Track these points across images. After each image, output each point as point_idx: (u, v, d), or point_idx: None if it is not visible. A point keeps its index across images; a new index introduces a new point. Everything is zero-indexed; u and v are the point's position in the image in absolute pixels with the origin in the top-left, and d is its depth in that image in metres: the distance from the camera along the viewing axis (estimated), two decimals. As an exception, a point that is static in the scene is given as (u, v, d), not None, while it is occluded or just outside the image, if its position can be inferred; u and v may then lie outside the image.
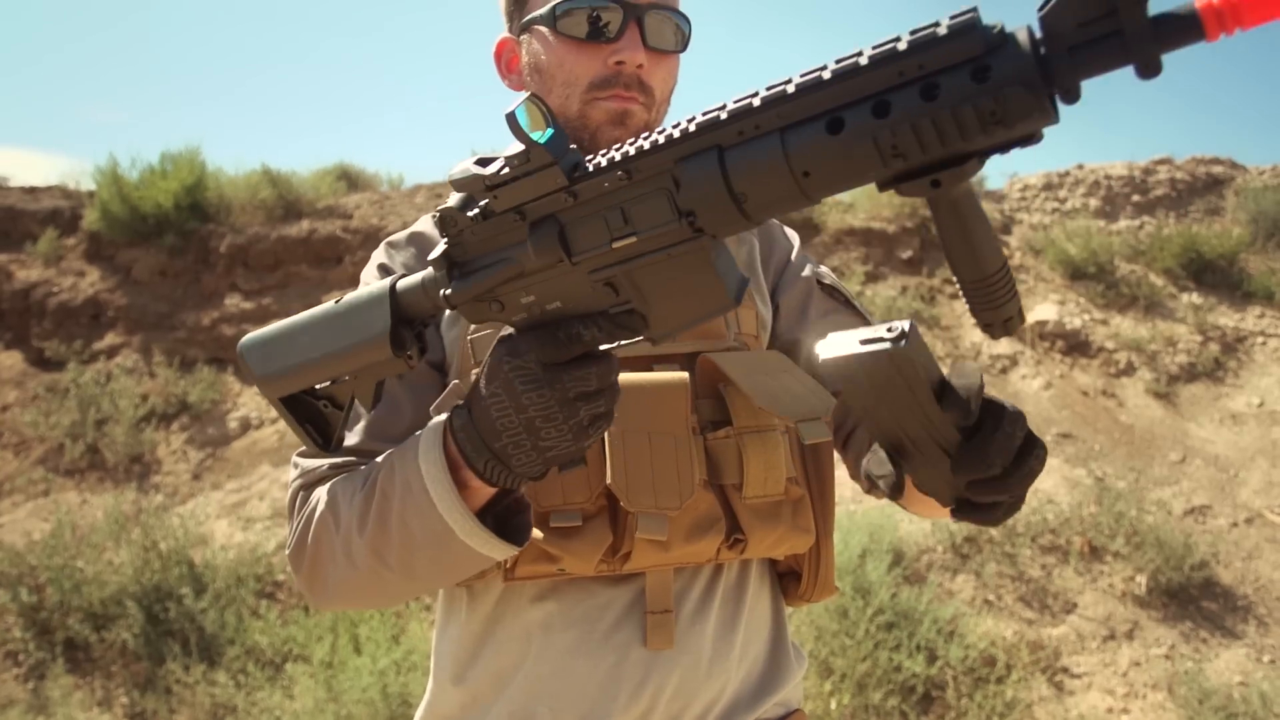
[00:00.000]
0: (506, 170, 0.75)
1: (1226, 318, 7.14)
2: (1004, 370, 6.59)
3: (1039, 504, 5.12)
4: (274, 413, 7.15)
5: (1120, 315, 7.14)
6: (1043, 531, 4.96)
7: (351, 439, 1.06)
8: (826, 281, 1.25)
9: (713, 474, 1.05)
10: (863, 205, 7.86)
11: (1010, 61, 0.56)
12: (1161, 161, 9.09)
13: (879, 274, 7.55)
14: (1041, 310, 7.04)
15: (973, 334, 6.86)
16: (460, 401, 0.89)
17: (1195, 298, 7.34)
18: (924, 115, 0.58)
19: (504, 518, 0.92)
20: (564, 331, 0.78)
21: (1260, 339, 6.93)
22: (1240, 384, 6.60)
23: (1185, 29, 0.52)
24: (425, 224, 1.19)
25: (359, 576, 0.97)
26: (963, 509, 0.80)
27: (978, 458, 0.74)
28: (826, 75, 0.61)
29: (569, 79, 1.11)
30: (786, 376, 1.08)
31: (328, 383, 0.92)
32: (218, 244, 8.58)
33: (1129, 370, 6.59)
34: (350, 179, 10.01)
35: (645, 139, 0.70)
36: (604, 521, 1.02)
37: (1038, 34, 0.56)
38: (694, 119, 0.68)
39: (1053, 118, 0.56)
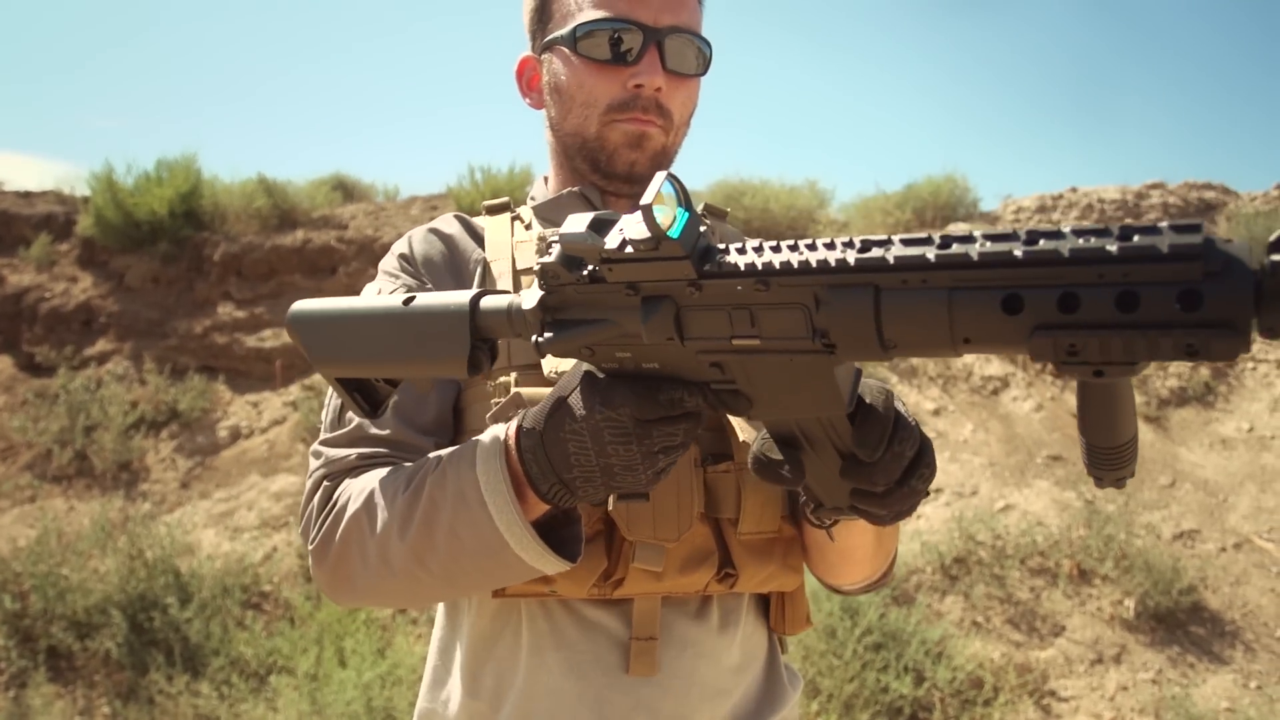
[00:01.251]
0: (630, 250, 0.70)
1: (1217, 343, 7.18)
2: (995, 392, 6.61)
3: (1028, 526, 5.12)
4: (264, 422, 7.13)
5: (1112, 338, 7.17)
6: (1032, 554, 4.96)
7: (377, 427, 1.04)
8: None
9: (710, 506, 1.05)
10: (856, 224, 7.89)
11: (1226, 295, 0.50)
12: (1155, 186, 9.13)
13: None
14: (1033, 332, 7.07)
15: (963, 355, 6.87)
16: (522, 414, 0.87)
17: (1186, 322, 7.38)
18: (1113, 326, 0.53)
19: (550, 527, 0.92)
20: (665, 395, 0.77)
21: (1250, 364, 6.96)
22: (1230, 409, 6.61)
23: None
24: (450, 224, 1.18)
25: (393, 580, 0.95)
26: (837, 511, 0.83)
27: (864, 474, 0.76)
28: (1019, 253, 0.55)
29: (588, 100, 1.12)
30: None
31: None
32: (212, 252, 8.57)
33: (1120, 393, 6.62)
34: (346, 189, 10.02)
35: (793, 250, 0.65)
36: (600, 546, 1.01)
37: (1261, 263, 0.50)
38: (854, 245, 0.63)
39: (1247, 348, 0.51)
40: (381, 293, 1.10)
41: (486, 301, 0.84)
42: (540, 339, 0.79)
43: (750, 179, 7.91)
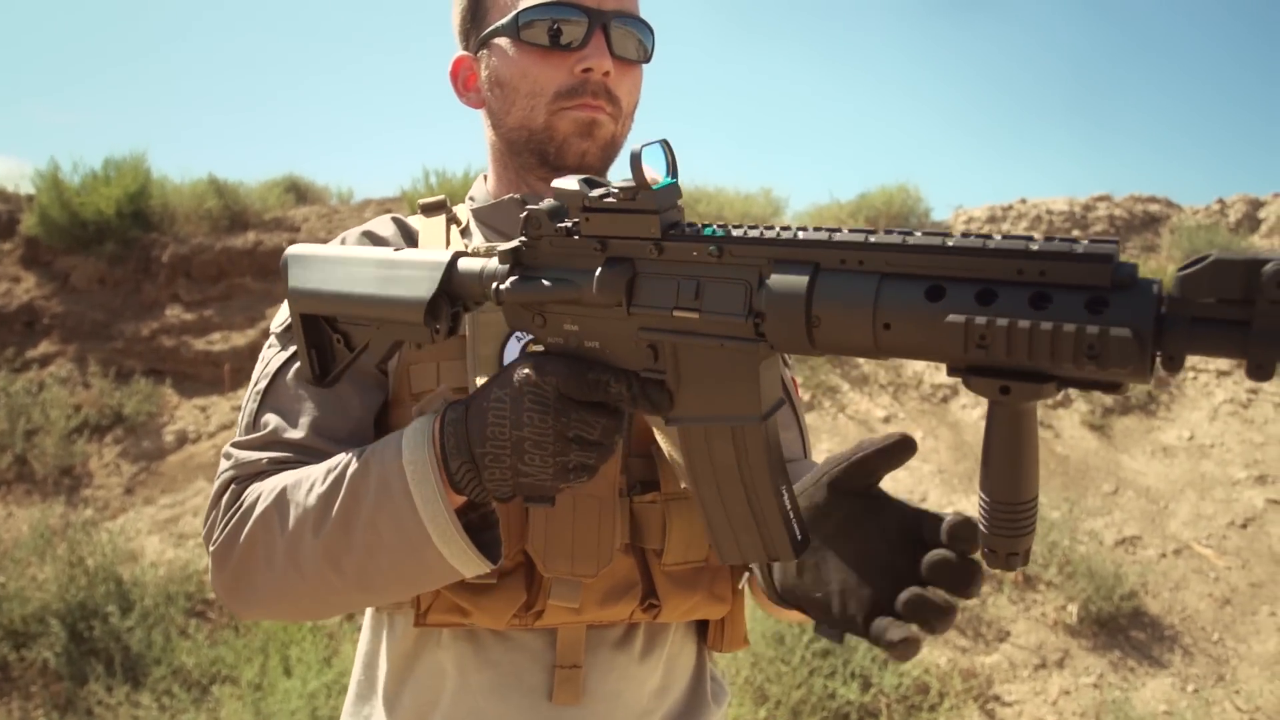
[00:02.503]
0: (609, 199, 0.75)
1: (1160, 352, 7.34)
2: (944, 400, 6.70)
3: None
4: (212, 427, 7.02)
5: (1058, 348, 7.29)
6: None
7: (293, 434, 1.01)
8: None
9: (636, 536, 1.04)
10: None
11: (1130, 306, 0.53)
12: (1101, 198, 9.32)
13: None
14: (982, 341, 7.17)
15: (914, 363, 6.96)
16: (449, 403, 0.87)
17: (1130, 332, 7.53)
18: (1024, 319, 0.55)
19: (470, 531, 0.89)
20: (595, 374, 0.77)
21: (1191, 374, 7.12)
22: (1171, 417, 6.76)
23: None
24: (385, 226, 1.17)
25: (300, 583, 0.91)
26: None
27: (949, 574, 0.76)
28: (950, 243, 0.60)
29: (534, 89, 1.09)
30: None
31: (351, 321, 0.93)
32: (160, 253, 8.42)
33: (1065, 402, 6.73)
34: (299, 192, 9.90)
35: (751, 228, 0.69)
36: (519, 580, 1.00)
37: (1168, 293, 0.53)
38: (806, 229, 0.66)
39: (1146, 377, 0.54)
40: None
41: (466, 260, 0.87)
42: (502, 286, 0.81)
43: (705, 186, 7.97)
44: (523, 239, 0.81)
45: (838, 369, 6.78)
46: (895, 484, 5.77)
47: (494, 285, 0.82)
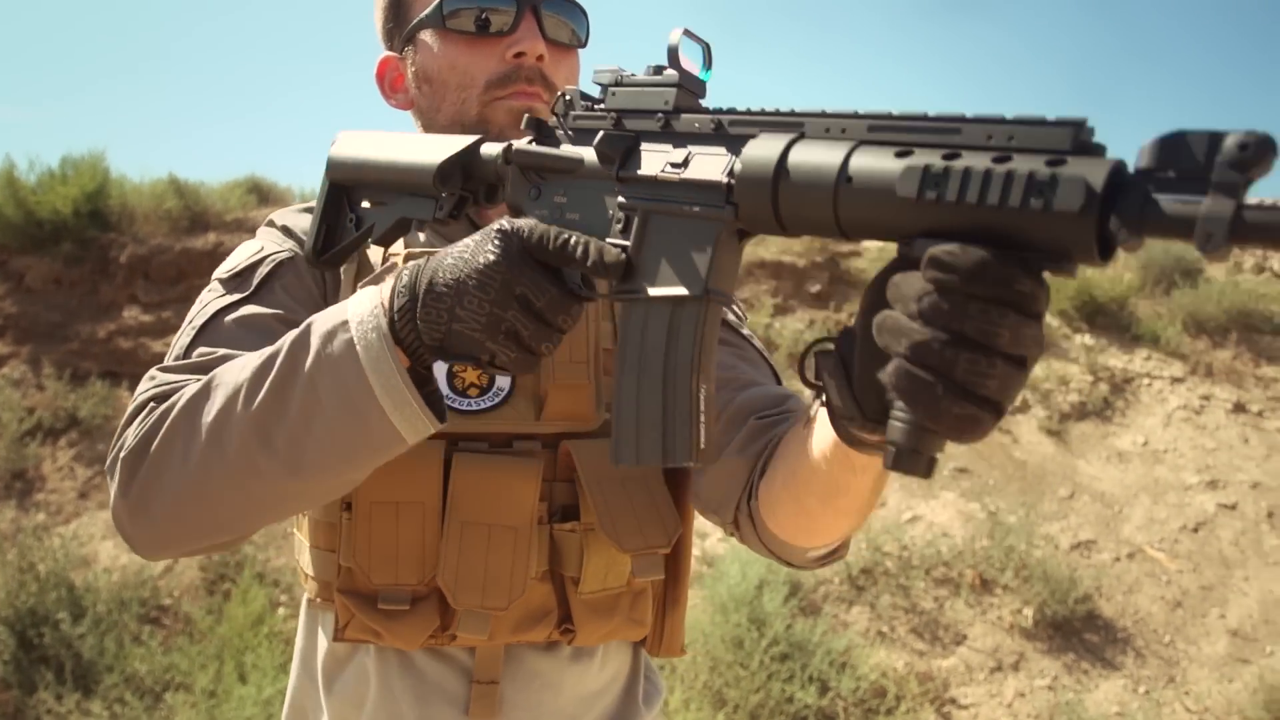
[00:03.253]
0: (639, 76, 0.81)
1: (1116, 359, 7.46)
2: (906, 405, 6.76)
3: (934, 537, 5.24)
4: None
5: (1017, 354, 7.39)
6: (937, 564, 5.08)
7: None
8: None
9: (555, 562, 1.04)
10: (774, 240, 8.00)
11: (1087, 165, 0.54)
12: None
13: (788, 306, 7.68)
14: (943, 347, 7.25)
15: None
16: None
17: (1088, 339, 7.64)
18: (982, 168, 0.57)
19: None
20: (565, 234, 0.76)
21: (1146, 380, 7.25)
22: (1127, 423, 6.87)
23: (1268, 233, 0.50)
24: (294, 218, 1.14)
25: (220, 467, 0.82)
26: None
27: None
28: (930, 114, 0.63)
29: (464, 80, 1.05)
30: (639, 493, 1.06)
31: (371, 193, 0.97)
32: (118, 254, 8.29)
33: (1024, 408, 6.82)
34: (261, 193, 9.78)
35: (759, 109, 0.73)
36: (433, 605, 1.00)
37: (1129, 168, 0.55)
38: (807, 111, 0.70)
39: (1093, 248, 0.54)
40: (264, 249, 1.09)
41: (488, 146, 0.91)
42: (516, 145, 0.85)
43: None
44: (553, 112, 0.86)
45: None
46: (856, 489, 5.81)
47: (509, 144, 0.85)
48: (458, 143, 0.89)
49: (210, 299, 1.04)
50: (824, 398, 0.74)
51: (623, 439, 0.78)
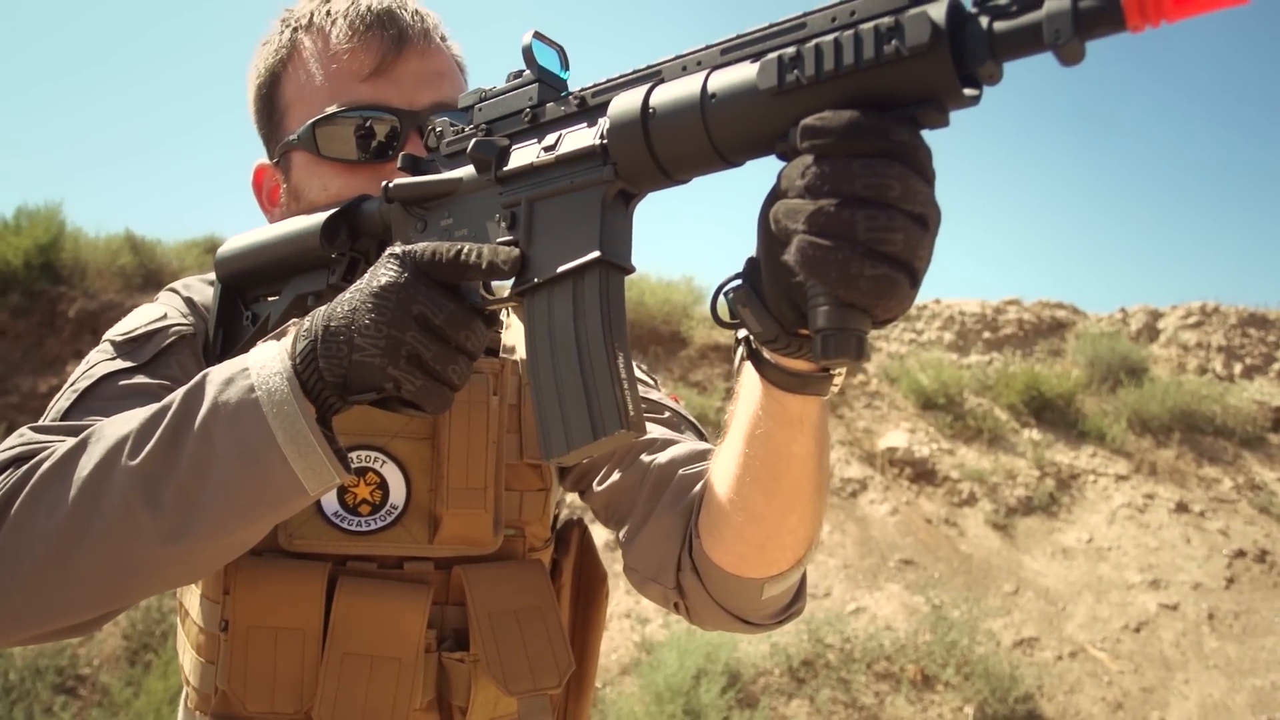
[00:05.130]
0: (503, 85, 0.83)
1: (1062, 455, 7.54)
2: (854, 494, 6.76)
3: (876, 630, 5.20)
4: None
5: (966, 446, 7.45)
6: (878, 658, 5.03)
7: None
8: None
9: (444, 689, 1.00)
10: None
11: (927, 6, 0.57)
12: (1011, 302, 9.66)
13: (742, 390, 7.73)
14: (893, 437, 7.29)
15: (833, 451, 7.02)
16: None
17: (1035, 434, 7.73)
18: (832, 39, 0.59)
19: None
20: (459, 245, 0.75)
21: (1092, 477, 7.32)
22: (1072, 519, 6.92)
23: (1108, 15, 0.52)
24: (201, 290, 1.10)
25: (93, 528, 0.74)
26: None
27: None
28: (776, 20, 0.65)
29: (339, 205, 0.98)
30: (533, 626, 1.03)
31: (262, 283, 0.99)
32: (67, 308, 8.17)
33: (971, 500, 6.85)
34: (217, 250, 9.73)
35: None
36: None
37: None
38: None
39: (954, 81, 0.56)
40: (167, 318, 1.04)
41: (369, 203, 0.93)
42: (392, 183, 0.86)
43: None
44: (426, 147, 0.88)
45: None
46: (801, 577, 5.77)
47: (384, 185, 0.86)
48: (336, 206, 0.92)
49: (99, 360, 0.98)
50: (743, 336, 0.74)
51: (551, 430, 0.76)
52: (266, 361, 0.76)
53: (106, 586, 0.77)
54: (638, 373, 1.13)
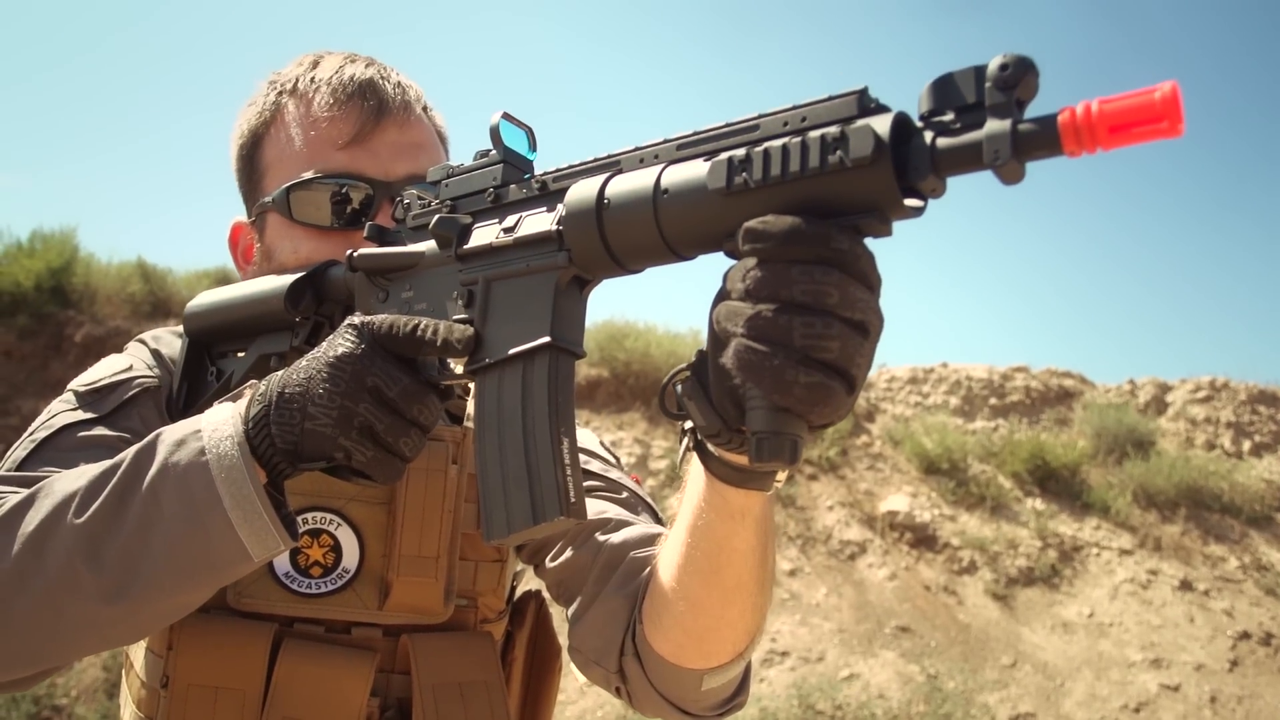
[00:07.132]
0: (469, 163, 0.85)
1: (1066, 526, 7.44)
2: (852, 557, 6.67)
3: (869, 698, 5.09)
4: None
5: (968, 513, 7.37)
6: (870, 728, 4.92)
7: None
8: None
9: None
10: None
11: (873, 119, 0.58)
12: (1019, 369, 9.61)
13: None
14: (894, 500, 7.21)
15: (825, 517, 6.96)
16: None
17: (1039, 503, 7.65)
18: (780, 144, 0.61)
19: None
20: (416, 321, 0.76)
21: (1095, 550, 7.22)
22: (1073, 593, 6.81)
23: (1045, 140, 0.53)
24: (169, 342, 1.10)
25: (33, 584, 0.73)
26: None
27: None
28: (732, 120, 0.67)
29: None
30: (478, 703, 1.02)
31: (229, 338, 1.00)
32: (74, 332, 8.20)
33: (971, 569, 6.75)
34: (229, 283, 9.79)
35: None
36: None
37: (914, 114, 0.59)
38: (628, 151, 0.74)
39: (891, 185, 0.57)
40: (132, 369, 1.05)
41: (336, 268, 0.94)
42: (356, 252, 0.87)
43: (635, 322, 8.04)
44: (394, 217, 0.90)
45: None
46: (794, 640, 5.68)
47: (349, 254, 0.87)
48: (303, 270, 0.93)
49: (61, 410, 0.98)
50: (689, 427, 0.74)
51: (492, 511, 0.77)
52: (219, 425, 0.76)
53: (45, 643, 0.77)
54: (600, 450, 1.16)
